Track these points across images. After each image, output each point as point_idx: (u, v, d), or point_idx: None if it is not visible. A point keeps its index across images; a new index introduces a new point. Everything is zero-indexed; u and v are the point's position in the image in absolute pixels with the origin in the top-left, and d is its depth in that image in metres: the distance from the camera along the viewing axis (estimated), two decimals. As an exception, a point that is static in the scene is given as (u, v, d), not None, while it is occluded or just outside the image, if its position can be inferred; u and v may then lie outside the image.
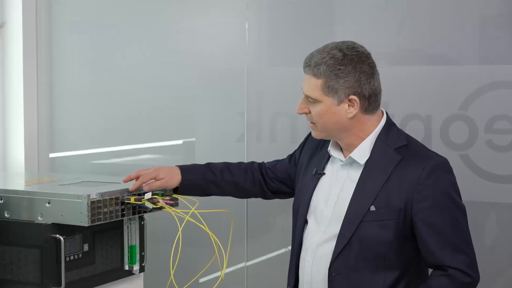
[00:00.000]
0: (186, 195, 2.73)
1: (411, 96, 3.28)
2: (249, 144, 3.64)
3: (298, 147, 2.68)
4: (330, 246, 2.35)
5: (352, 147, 2.37)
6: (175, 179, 2.70)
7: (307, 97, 2.35)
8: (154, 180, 2.67)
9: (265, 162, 2.81)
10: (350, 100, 2.29)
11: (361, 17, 3.42)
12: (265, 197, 2.81)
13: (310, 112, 2.36)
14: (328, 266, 2.34)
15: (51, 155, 4.04)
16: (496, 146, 3.15)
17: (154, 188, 2.67)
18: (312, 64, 2.30)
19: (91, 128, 4.04)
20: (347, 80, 2.27)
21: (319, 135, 2.40)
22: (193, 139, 3.83)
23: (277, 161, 2.78)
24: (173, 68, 3.86)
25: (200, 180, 2.73)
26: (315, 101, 2.32)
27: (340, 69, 2.27)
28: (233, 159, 2.91)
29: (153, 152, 3.98)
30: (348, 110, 2.30)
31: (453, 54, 3.25)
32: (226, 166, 2.78)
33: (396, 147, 2.32)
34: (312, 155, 2.55)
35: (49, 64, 3.99)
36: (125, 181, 2.72)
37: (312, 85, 2.31)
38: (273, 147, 3.57)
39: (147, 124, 3.92)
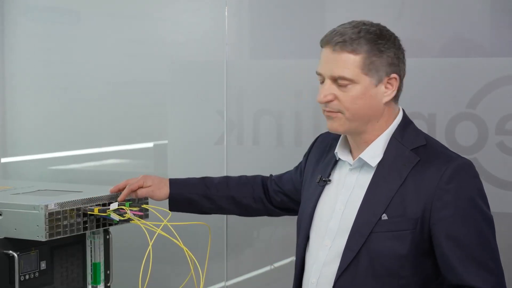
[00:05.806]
0: (177, 211, 2.73)
1: (411, 93, 3.15)
2: (229, 147, 3.63)
3: (305, 155, 2.64)
4: (338, 264, 2.29)
5: (367, 145, 2.33)
6: (163, 189, 2.73)
7: (335, 80, 2.26)
8: (141, 187, 2.73)
9: (273, 174, 2.81)
10: (389, 80, 2.27)
11: (355, 2, 3.43)
12: (271, 214, 2.80)
13: (334, 99, 2.30)
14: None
15: (3, 159, 4.03)
16: (509, 149, 3.16)
17: (139, 196, 2.74)
18: (347, 40, 2.24)
19: (47, 129, 4.02)
20: (389, 55, 2.25)
21: (341, 126, 2.31)
22: (165, 141, 3.82)
23: (285, 172, 2.76)
24: (141, 60, 3.85)
25: (191, 193, 2.74)
26: (350, 83, 2.25)
27: (381, 43, 2.24)
28: (211, 163, 2.91)
29: (119, 156, 3.96)
30: (386, 92, 2.28)
31: (460, 44, 3.27)
32: (225, 179, 2.80)
33: (413, 147, 2.28)
34: (318, 161, 2.50)
35: (0, 56, 3.97)
36: (113, 191, 2.75)
37: (349, 63, 2.24)
38: (256, 151, 3.57)
39: (111, 124, 3.91)
